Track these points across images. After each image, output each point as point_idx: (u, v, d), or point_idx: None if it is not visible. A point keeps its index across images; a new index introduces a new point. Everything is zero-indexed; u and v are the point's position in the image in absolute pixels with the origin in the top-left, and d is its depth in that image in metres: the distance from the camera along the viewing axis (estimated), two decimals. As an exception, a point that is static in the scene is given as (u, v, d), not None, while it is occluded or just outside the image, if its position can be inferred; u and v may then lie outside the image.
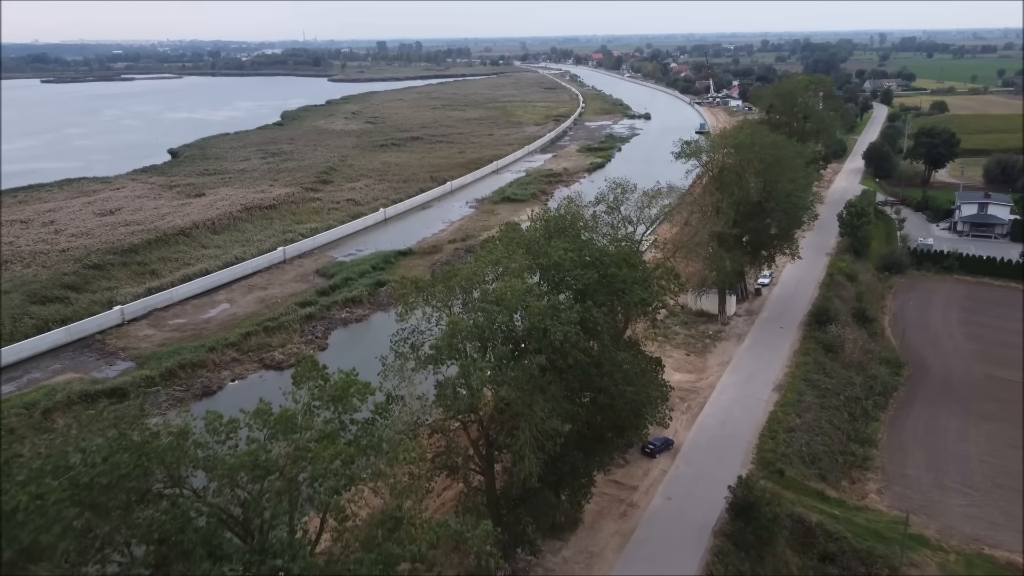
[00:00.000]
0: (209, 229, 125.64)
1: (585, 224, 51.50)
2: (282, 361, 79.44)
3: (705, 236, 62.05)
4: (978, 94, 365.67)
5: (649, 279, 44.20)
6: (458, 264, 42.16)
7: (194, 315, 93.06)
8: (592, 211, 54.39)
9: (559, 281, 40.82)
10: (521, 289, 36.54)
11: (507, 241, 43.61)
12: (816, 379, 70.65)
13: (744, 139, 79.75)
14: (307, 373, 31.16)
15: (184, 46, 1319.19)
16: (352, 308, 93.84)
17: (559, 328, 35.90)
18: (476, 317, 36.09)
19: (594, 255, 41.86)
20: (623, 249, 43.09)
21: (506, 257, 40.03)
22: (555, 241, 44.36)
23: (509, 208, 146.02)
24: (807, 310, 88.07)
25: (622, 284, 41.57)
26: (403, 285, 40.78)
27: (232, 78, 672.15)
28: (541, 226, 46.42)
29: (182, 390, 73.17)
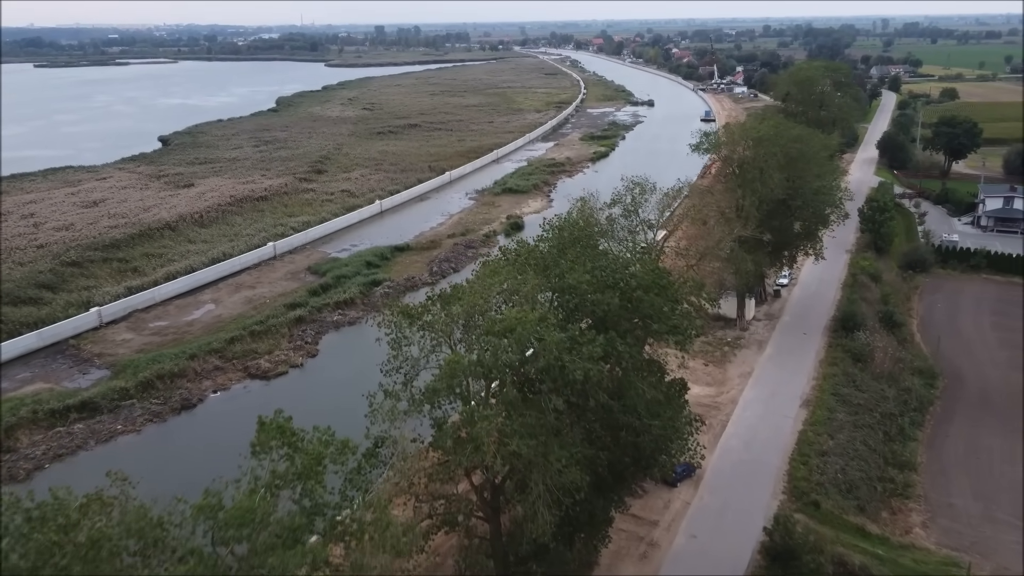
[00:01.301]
0: (196, 223, 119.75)
1: (601, 229, 45.89)
2: (268, 370, 73.81)
3: (730, 241, 56.36)
4: (987, 81, 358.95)
5: (679, 298, 38.44)
6: (460, 284, 35.71)
7: (177, 317, 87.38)
8: (608, 213, 48.76)
9: (576, 307, 35.09)
10: (534, 319, 30.88)
11: (516, 262, 37.62)
12: (846, 393, 65.12)
13: (767, 132, 73.85)
14: (270, 440, 25.32)
15: (180, 30, 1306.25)
16: (345, 310, 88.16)
17: (579, 365, 30.28)
18: (481, 353, 30.45)
19: (616, 276, 35.99)
20: (651, 270, 37.11)
21: (516, 279, 34.31)
22: (570, 252, 38.74)
23: (511, 200, 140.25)
24: (830, 314, 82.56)
25: (650, 309, 35.92)
26: (394, 313, 35.16)
27: (228, 63, 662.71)
28: (554, 237, 40.75)
29: (159, 403, 67.49)
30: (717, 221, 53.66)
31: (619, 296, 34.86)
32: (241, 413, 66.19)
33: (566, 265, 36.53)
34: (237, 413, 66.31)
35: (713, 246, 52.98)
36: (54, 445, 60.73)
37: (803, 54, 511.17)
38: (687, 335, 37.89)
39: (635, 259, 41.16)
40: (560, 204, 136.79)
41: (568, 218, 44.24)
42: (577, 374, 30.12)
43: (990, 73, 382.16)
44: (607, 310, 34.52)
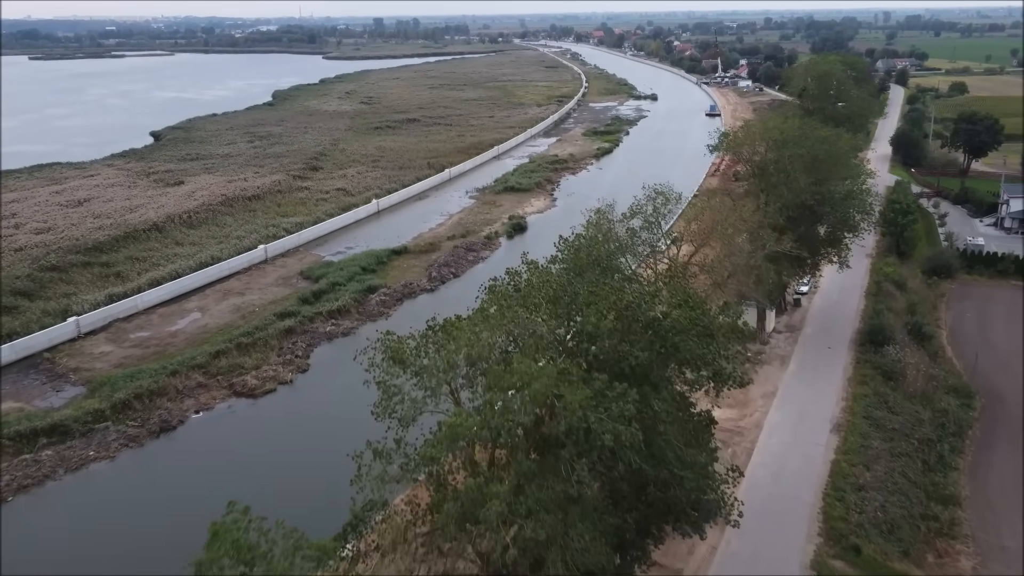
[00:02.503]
0: (185, 223, 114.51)
1: (620, 244, 40.84)
2: (255, 387, 68.68)
3: (761, 258, 51.35)
4: (994, 75, 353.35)
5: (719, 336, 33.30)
6: (461, 321, 30.45)
7: (160, 327, 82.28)
8: (627, 226, 43.71)
9: (598, 356, 29.87)
10: (552, 372, 25.83)
11: (528, 295, 32.30)
12: (880, 417, 60.12)
13: (791, 132, 68.73)
14: (222, 557, 20.19)
15: (178, 23, 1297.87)
16: (338, 319, 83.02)
17: (608, 426, 25.26)
18: (488, 415, 25.37)
19: (645, 317, 30.74)
20: (684, 302, 31.86)
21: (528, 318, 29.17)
22: (588, 275, 33.72)
23: (512, 199, 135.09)
24: (855, 325, 77.55)
25: (688, 355, 30.87)
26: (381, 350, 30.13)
27: (225, 56, 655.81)
28: (569, 257, 35.69)
29: (136, 426, 62.40)
30: (747, 235, 48.52)
31: (651, 340, 29.80)
32: (224, 437, 61.66)
33: (584, 294, 31.27)
34: (220, 437, 61.61)
35: (743, 262, 48.01)
36: (19, 475, 55.65)
37: (806, 47, 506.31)
38: (734, 381, 33.02)
39: (662, 284, 35.96)
40: (564, 203, 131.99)
41: (584, 235, 39.20)
42: (606, 438, 25.12)
43: (998, 66, 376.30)
44: (637, 363, 29.33)
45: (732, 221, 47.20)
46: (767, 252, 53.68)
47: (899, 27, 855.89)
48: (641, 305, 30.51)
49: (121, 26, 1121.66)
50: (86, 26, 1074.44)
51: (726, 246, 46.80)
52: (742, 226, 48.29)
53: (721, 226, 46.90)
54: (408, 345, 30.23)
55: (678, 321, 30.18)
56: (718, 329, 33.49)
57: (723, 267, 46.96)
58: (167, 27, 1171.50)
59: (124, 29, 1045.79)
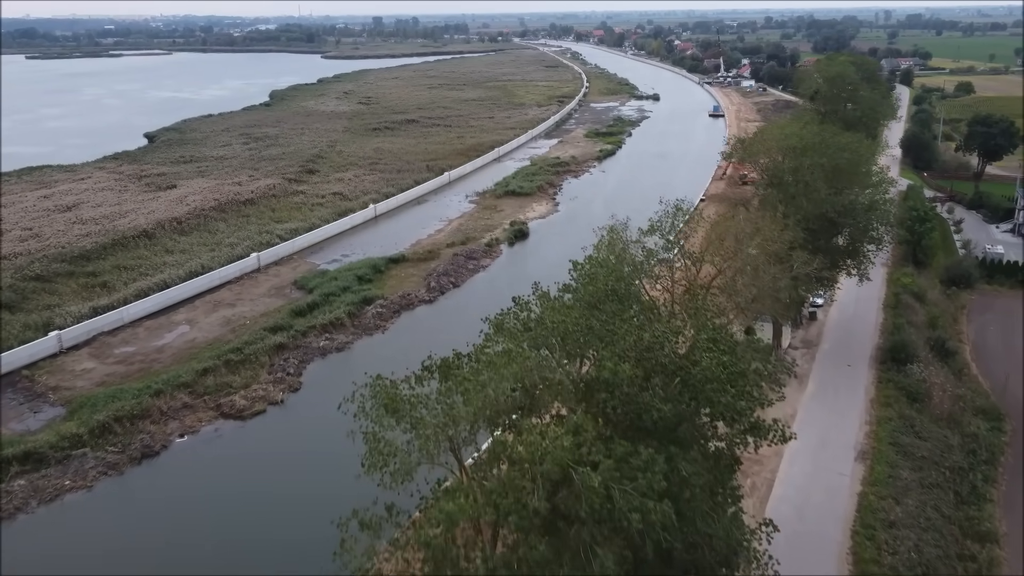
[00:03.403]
0: (176, 230, 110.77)
1: (637, 267, 37.26)
2: (244, 408, 65.00)
3: (787, 281, 47.73)
4: (999, 74, 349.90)
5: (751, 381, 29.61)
6: (463, 369, 26.76)
7: (146, 341, 78.61)
8: (642, 246, 40.10)
9: (617, 409, 26.13)
10: (569, 444, 22.22)
11: (538, 334, 28.58)
12: (907, 443, 56.54)
13: (811, 139, 65.09)
14: None
15: (177, 21, 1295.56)
16: (332, 334, 79.30)
17: (635, 503, 21.65)
18: (495, 495, 21.76)
19: (670, 361, 27.09)
20: (714, 344, 28.12)
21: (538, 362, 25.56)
22: (605, 307, 30.11)
23: (514, 203, 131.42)
24: (874, 340, 73.98)
25: (722, 409, 27.23)
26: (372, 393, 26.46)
27: (223, 55, 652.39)
28: (583, 284, 32.09)
29: (116, 451, 58.69)
30: (770, 256, 44.85)
31: (677, 390, 26.22)
32: (208, 465, 58.00)
33: (599, 329, 27.66)
34: (205, 464, 57.92)
35: (769, 284, 44.44)
36: (-12, 508, 52.06)
37: (808, 46, 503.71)
38: (777, 435, 29.49)
39: (686, 316, 32.34)
40: (566, 208, 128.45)
41: (597, 257, 35.62)
42: (634, 518, 21.53)
43: (1002, 66, 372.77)
44: (661, 417, 25.68)
45: (759, 243, 43.61)
46: (794, 273, 50.08)
47: (900, 26, 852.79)
48: (664, 347, 26.87)
49: (119, 25, 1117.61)
50: (84, 25, 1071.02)
51: (751, 269, 43.21)
52: (770, 248, 44.65)
53: (745, 246, 43.24)
54: (402, 392, 26.47)
55: (709, 369, 26.56)
56: (750, 371, 29.75)
57: (748, 290, 43.44)
58: (165, 26, 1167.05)
59: (122, 28, 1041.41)
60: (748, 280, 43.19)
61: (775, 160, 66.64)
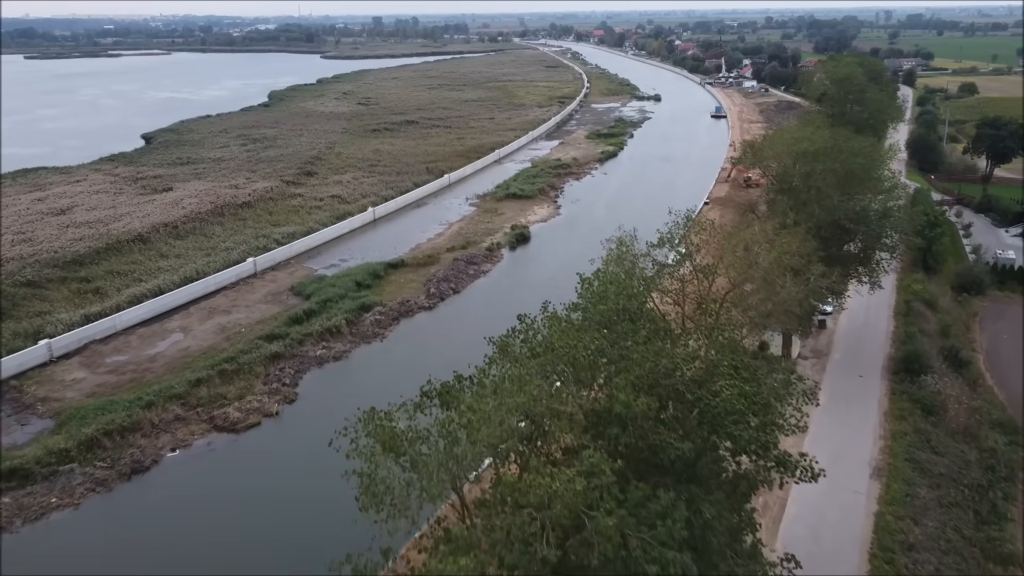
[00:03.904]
0: (171, 234, 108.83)
1: (647, 283, 35.34)
2: (238, 420, 63.01)
3: (803, 293, 45.84)
4: (1002, 75, 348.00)
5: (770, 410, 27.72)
6: (461, 382, 24.80)
7: (138, 350, 76.67)
8: (652, 258, 38.18)
9: (631, 446, 24.18)
10: (580, 487, 20.32)
11: (547, 359, 26.63)
12: (923, 459, 54.64)
13: (823, 143, 63.12)
14: None
15: (176, 21, 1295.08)
16: (329, 342, 77.31)
17: (654, 553, 19.75)
18: (501, 548, 19.85)
19: (688, 391, 25.14)
20: (743, 386, 26.15)
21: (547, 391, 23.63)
22: (617, 327, 28.19)
23: (514, 206, 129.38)
24: (886, 350, 72.04)
25: (746, 445, 25.35)
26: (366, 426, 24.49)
27: (222, 55, 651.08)
28: (592, 303, 30.16)
29: (106, 467, 56.74)
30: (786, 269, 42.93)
31: (696, 423, 24.33)
32: (200, 480, 56.00)
33: (610, 353, 25.72)
34: (196, 480, 55.90)
35: (788, 300, 42.53)
36: (-29, 527, 50.13)
37: (809, 46, 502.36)
38: (806, 471, 27.65)
39: (702, 337, 30.43)
40: (568, 211, 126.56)
41: (606, 271, 33.68)
42: (652, 570, 19.64)
43: (1005, 66, 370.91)
44: (680, 455, 23.73)
45: (776, 255, 41.66)
46: (811, 287, 48.20)
47: (901, 26, 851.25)
48: (682, 373, 24.92)
49: (119, 25, 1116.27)
50: (83, 25, 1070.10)
51: (766, 283, 41.33)
52: (788, 261, 42.73)
53: (762, 259, 41.29)
54: (399, 428, 24.50)
55: (730, 401, 24.64)
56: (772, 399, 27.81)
57: (763, 305, 41.55)
58: (165, 26, 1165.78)
59: (121, 28, 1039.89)
60: (763, 295, 41.31)
61: (785, 165, 64.67)
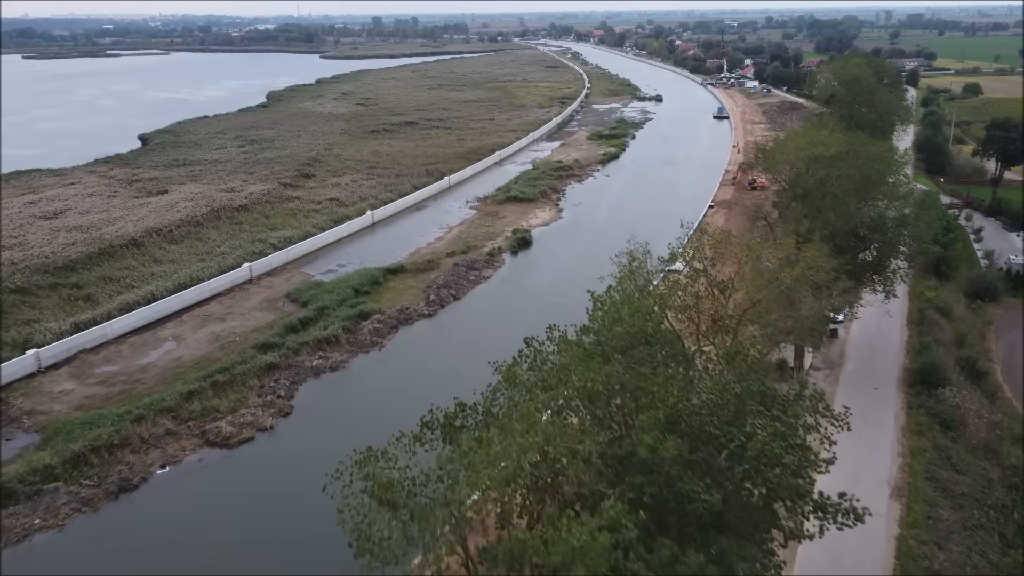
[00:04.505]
0: (165, 238, 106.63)
1: (662, 300, 33.11)
2: (231, 435, 60.74)
3: (826, 309, 43.66)
4: (1005, 75, 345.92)
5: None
6: (464, 410, 22.47)
7: (130, 359, 74.43)
8: (663, 273, 35.93)
9: (657, 496, 21.88)
10: (603, 544, 18.16)
11: (559, 395, 24.33)
12: (944, 478, 52.42)
13: (839, 148, 60.86)
14: None
15: (176, 21, 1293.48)
16: (326, 351, 75.04)
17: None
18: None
19: (719, 434, 22.85)
20: (776, 425, 23.85)
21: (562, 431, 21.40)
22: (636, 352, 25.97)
23: (516, 209, 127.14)
24: (900, 360, 69.82)
25: (784, 493, 23.15)
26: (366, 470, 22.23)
27: (221, 54, 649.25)
28: (606, 325, 27.93)
29: (92, 485, 54.44)
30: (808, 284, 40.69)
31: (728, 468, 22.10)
32: (191, 499, 53.70)
33: (630, 384, 23.49)
34: (186, 499, 53.58)
35: (810, 317, 40.35)
36: (-51, 551, 47.87)
37: (810, 46, 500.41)
38: (849, 515, 25.47)
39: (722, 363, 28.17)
40: (571, 214, 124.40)
41: (621, 295, 31.37)
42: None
43: (1008, 67, 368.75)
44: (709, 506, 21.44)
45: (799, 271, 39.42)
46: (835, 304, 46.02)
47: (901, 26, 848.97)
48: (708, 410, 22.65)
49: (118, 25, 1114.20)
50: (83, 24, 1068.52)
51: (789, 301, 39.13)
52: (813, 277, 40.51)
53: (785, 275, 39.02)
54: (396, 476, 22.22)
55: (767, 445, 22.39)
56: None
57: (783, 322, 39.36)
58: (164, 26, 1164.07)
59: (120, 28, 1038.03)
60: (783, 311, 39.12)
61: (798, 170, 62.42)
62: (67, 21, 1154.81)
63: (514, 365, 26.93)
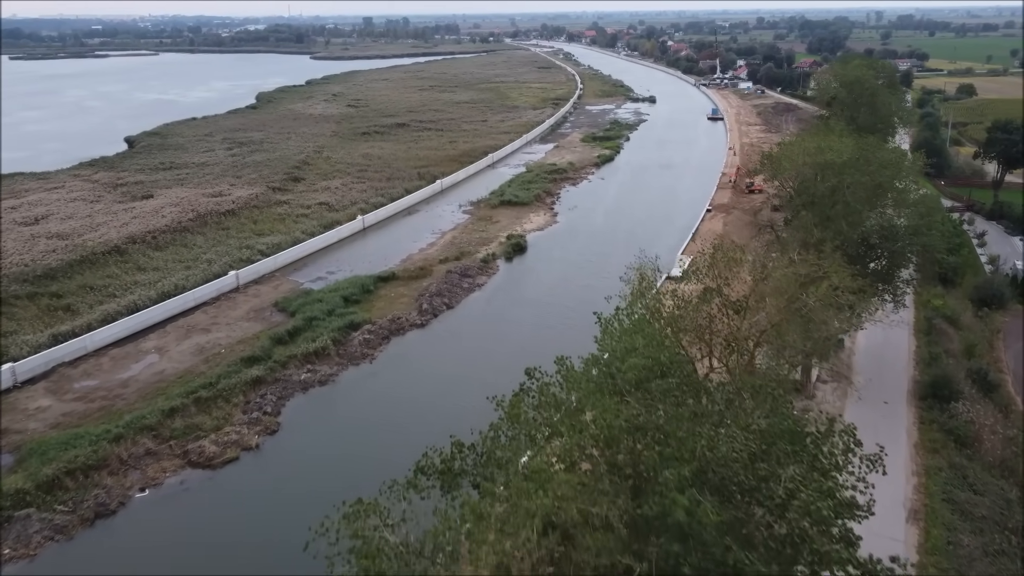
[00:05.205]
0: (150, 244, 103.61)
1: (675, 322, 30.63)
2: (214, 455, 57.98)
3: (846, 328, 41.31)
4: (998, 75, 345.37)
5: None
6: (462, 450, 19.91)
7: (110, 373, 71.54)
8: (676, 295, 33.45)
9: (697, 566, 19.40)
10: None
11: (572, 445, 21.66)
12: (963, 500, 50.10)
13: (850, 153, 58.56)
14: None
15: (165, 22, 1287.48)
16: (315, 364, 72.31)
17: None
18: None
19: (767, 499, 20.32)
20: (820, 481, 21.40)
21: (578, 491, 18.84)
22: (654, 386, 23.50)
23: (510, 213, 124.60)
24: (909, 372, 67.58)
25: (829, 560, 20.72)
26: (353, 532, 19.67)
27: (211, 55, 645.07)
28: (618, 355, 25.42)
29: (67, 511, 51.59)
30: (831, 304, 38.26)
31: (770, 534, 19.65)
32: (170, 526, 50.85)
33: (651, 430, 20.93)
34: (165, 526, 50.76)
35: (831, 337, 37.97)
36: (-88, 585, 45.10)
37: (802, 47, 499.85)
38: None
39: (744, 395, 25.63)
40: (566, 219, 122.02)
41: (633, 321, 28.87)
42: None
43: (1001, 67, 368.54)
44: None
45: (824, 290, 37.00)
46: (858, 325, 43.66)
47: (892, 26, 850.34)
48: (745, 466, 20.09)
49: (107, 25, 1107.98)
50: (71, 25, 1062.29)
51: (812, 322, 36.74)
52: (842, 299, 38.11)
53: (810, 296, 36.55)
54: (390, 542, 19.63)
55: (812, 503, 19.89)
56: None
57: (801, 343, 36.96)
58: (154, 26, 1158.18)
59: (110, 28, 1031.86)
60: (803, 333, 36.68)
61: (805, 176, 60.05)
62: (56, 21, 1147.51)
63: (518, 402, 24.35)
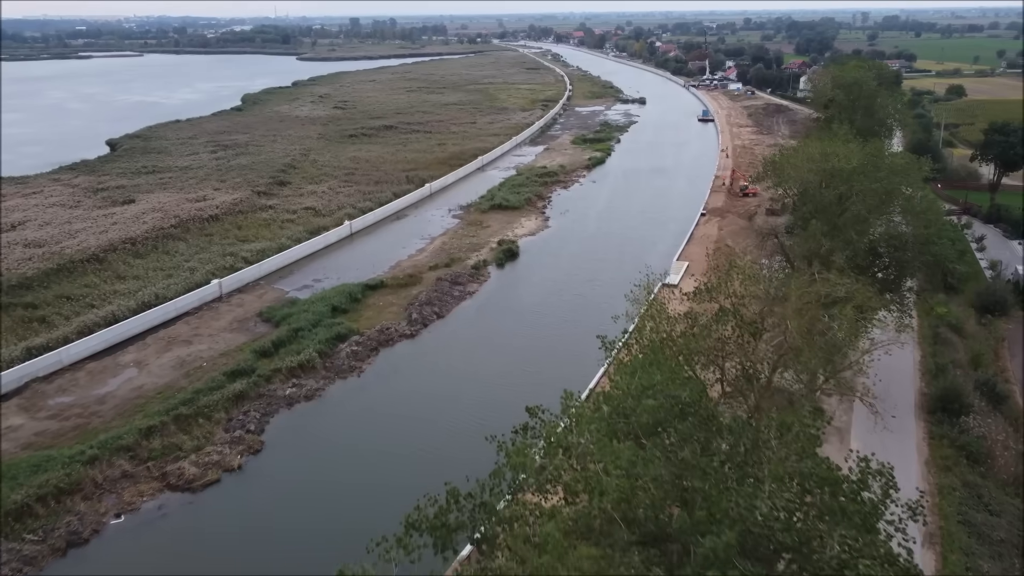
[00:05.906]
0: (130, 252, 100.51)
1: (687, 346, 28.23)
2: (194, 478, 55.16)
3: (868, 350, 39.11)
4: (986, 76, 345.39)
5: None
6: (458, 495, 17.31)
7: (87, 388, 68.58)
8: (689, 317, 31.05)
9: None
10: None
11: (590, 515, 19.14)
12: (979, 521, 47.98)
13: (859, 160, 56.38)
14: None
15: (151, 22, 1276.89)
16: (301, 378, 69.56)
17: None
18: None
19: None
20: (871, 546, 19.09)
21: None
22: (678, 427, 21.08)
23: (501, 218, 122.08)
24: (916, 383, 65.51)
25: None
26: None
27: (196, 56, 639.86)
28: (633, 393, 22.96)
29: (36, 540, 48.73)
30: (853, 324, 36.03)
31: None
32: (145, 555, 48.02)
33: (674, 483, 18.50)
34: (143, 555, 47.99)
35: (852, 364, 35.73)
36: None
37: (790, 48, 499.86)
38: None
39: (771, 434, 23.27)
40: (558, 223, 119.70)
41: (648, 355, 26.46)
42: None
43: (989, 68, 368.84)
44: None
45: (849, 317, 34.77)
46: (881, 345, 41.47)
47: (879, 27, 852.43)
48: (785, 528, 17.70)
49: (91, 26, 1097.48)
50: (55, 26, 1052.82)
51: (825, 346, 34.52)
52: (863, 320, 35.94)
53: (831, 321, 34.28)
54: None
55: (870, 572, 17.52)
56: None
57: (816, 360, 34.74)
58: (139, 27, 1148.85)
59: (94, 29, 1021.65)
60: (823, 359, 34.44)
61: (810, 184, 57.87)
62: (39, 22, 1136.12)
63: (523, 449, 21.83)
